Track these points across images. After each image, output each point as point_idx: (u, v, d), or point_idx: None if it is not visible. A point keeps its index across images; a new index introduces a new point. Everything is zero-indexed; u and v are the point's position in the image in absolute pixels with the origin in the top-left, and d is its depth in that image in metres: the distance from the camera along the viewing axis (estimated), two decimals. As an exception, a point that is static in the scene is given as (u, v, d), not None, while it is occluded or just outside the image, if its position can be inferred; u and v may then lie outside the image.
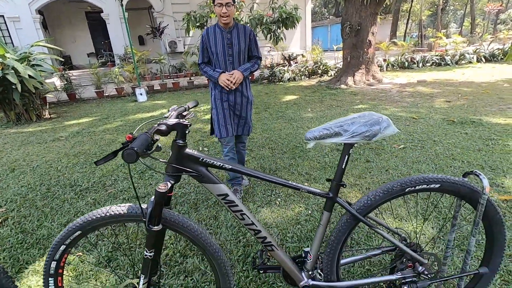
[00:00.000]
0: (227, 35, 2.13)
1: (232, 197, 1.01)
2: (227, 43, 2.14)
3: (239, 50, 2.17)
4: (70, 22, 13.98)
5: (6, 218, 2.36)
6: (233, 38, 2.14)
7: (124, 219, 1.02)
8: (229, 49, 2.15)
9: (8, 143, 4.49)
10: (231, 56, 2.17)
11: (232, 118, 2.32)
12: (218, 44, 2.14)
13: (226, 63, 2.19)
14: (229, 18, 2.05)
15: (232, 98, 2.25)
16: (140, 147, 0.74)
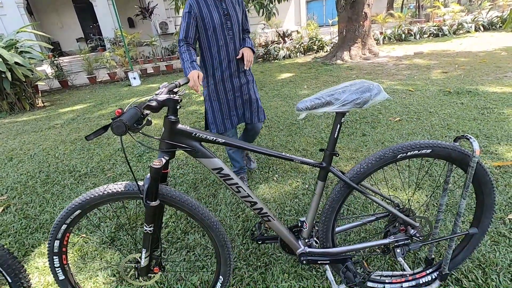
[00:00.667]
0: (221, 4, 1.76)
1: (226, 171, 1.03)
2: (223, 13, 1.76)
3: (237, 21, 1.81)
4: (55, 6, 13.47)
5: (8, 205, 2.39)
6: (228, 7, 1.78)
7: (122, 197, 1.03)
8: (227, 21, 1.77)
9: (3, 133, 4.46)
10: (231, 30, 1.79)
11: (240, 106, 1.99)
12: (214, 15, 1.74)
13: (226, 38, 1.79)
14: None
15: (236, 81, 1.93)
16: (129, 120, 0.74)
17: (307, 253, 1.18)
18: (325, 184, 1.10)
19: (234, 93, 1.95)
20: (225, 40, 1.80)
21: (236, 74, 1.92)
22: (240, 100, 1.98)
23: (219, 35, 1.78)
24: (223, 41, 1.80)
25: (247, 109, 2.02)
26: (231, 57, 1.85)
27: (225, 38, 1.80)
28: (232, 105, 1.97)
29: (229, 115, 1.98)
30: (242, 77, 1.96)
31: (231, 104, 1.96)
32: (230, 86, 1.93)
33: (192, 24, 1.74)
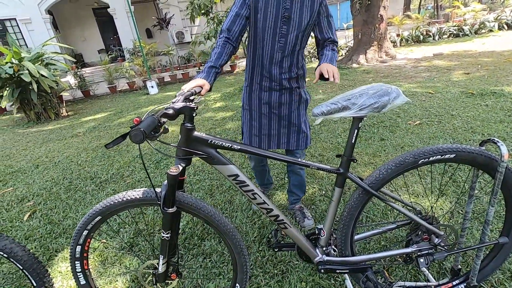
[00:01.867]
0: (285, 2, 1.34)
1: (242, 177, 1.03)
2: (282, 13, 1.35)
3: (298, 27, 1.38)
4: (79, 20, 14.15)
5: (34, 210, 2.49)
6: (294, 8, 1.35)
7: (140, 203, 1.05)
8: (283, 26, 1.37)
9: (30, 142, 4.69)
10: (284, 36, 1.39)
11: (275, 126, 1.62)
12: (270, 13, 1.35)
13: (275, 44, 1.41)
14: None
15: (276, 97, 1.54)
16: (147, 128, 0.75)
17: (325, 261, 1.15)
18: (342, 190, 1.07)
19: (270, 109, 1.58)
20: (271, 46, 1.42)
21: (278, 88, 1.53)
22: (276, 119, 1.60)
23: (268, 37, 1.41)
24: (270, 47, 1.42)
25: (284, 134, 1.63)
26: (279, 66, 1.47)
27: (272, 43, 1.41)
28: (265, 122, 1.61)
29: (258, 132, 1.64)
30: (286, 94, 1.55)
31: (263, 121, 1.61)
32: (267, 99, 1.57)
33: (241, 14, 1.37)
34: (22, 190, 2.92)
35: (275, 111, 1.59)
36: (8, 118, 7.12)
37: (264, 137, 1.65)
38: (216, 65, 1.31)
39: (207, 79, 1.23)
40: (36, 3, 11.07)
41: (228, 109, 4.97)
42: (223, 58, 1.34)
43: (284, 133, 1.63)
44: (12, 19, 11.06)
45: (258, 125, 1.63)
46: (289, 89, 1.55)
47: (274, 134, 1.64)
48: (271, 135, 1.64)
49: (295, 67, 1.51)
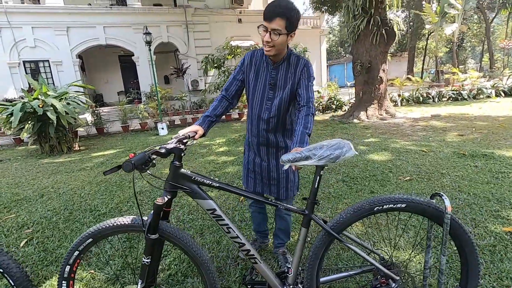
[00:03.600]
0: (272, 71, 1.56)
1: (219, 212, 1.17)
2: (269, 81, 1.57)
3: (282, 93, 1.56)
4: (105, 64, 15.52)
5: (31, 238, 2.59)
6: (279, 76, 1.56)
7: (128, 229, 1.19)
8: (270, 91, 1.58)
9: (40, 172, 4.92)
10: (271, 99, 1.58)
11: (266, 176, 1.75)
12: (260, 80, 1.59)
13: (262, 105, 1.61)
14: (273, 50, 1.43)
15: (264, 150, 1.71)
16: (137, 161, 0.94)
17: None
18: (307, 231, 1.19)
19: (261, 160, 1.73)
20: (260, 108, 1.62)
21: (265, 143, 1.68)
22: (266, 170, 1.73)
23: (257, 101, 1.62)
24: (258, 109, 1.62)
25: (274, 184, 1.75)
26: (268, 127, 1.63)
27: (261, 105, 1.61)
28: (258, 170, 1.76)
29: (254, 176, 1.80)
30: (273, 148, 1.70)
31: (256, 169, 1.76)
32: (258, 151, 1.73)
33: (237, 79, 1.63)
34: (23, 218, 3.04)
35: (265, 163, 1.73)
36: (23, 149, 7.51)
37: (259, 181, 1.79)
38: (211, 115, 1.55)
39: (202, 126, 1.47)
40: (70, 48, 12.35)
41: (230, 154, 5.20)
42: (218, 110, 1.60)
43: (273, 184, 1.75)
44: (45, 60, 12.26)
45: (253, 171, 1.78)
46: (276, 144, 1.69)
47: (265, 182, 1.77)
48: (263, 182, 1.78)
49: (281, 126, 1.66)
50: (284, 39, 1.39)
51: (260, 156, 1.73)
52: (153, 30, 12.57)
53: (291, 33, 1.42)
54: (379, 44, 7.72)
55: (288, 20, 1.35)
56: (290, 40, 1.46)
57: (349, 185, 3.28)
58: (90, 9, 12.50)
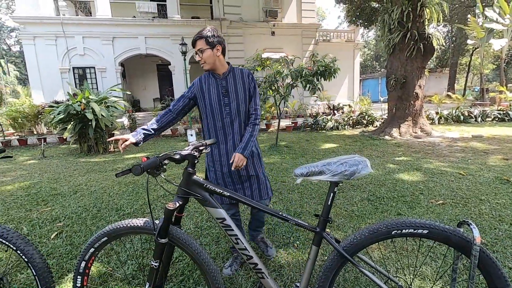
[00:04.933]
0: (221, 82, 1.83)
1: (228, 222, 1.16)
2: (222, 91, 1.82)
3: (237, 98, 1.83)
4: (143, 72, 16.49)
5: (61, 231, 2.76)
6: (229, 84, 1.83)
7: (141, 231, 1.22)
8: (225, 98, 1.82)
9: (77, 170, 5.28)
10: (228, 106, 1.82)
11: (238, 182, 1.88)
12: (213, 92, 1.82)
13: (223, 114, 1.82)
14: (206, 64, 1.78)
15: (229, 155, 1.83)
16: (147, 166, 0.97)
17: (299, 321, 1.16)
18: (318, 249, 1.14)
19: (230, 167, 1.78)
20: (221, 116, 1.83)
21: (228, 147, 1.86)
22: (236, 175, 1.87)
23: (217, 112, 1.83)
24: (220, 118, 1.83)
25: (247, 187, 1.90)
26: (233, 132, 1.84)
27: (221, 114, 1.83)
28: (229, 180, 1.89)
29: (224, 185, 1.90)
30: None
31: (226, 180, 1.89)
32: (226, 160, 1.86)
33: (185, 96, 1.87)
34: (57, 211, 3.26)
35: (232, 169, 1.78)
36: (66, 147, 8.12)
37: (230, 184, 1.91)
38: (148, 128, 1.74)
39: (134, 136, 1.65)
40: (113, 57, 13.31)
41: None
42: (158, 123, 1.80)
43: (247, 186, 1.91)
44: (91, 67, 13.31)
45: (224, 185, 1.89)
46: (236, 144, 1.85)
47: (239, 188, 1.90)
48: (236, 190, 1.90)
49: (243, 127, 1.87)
50: (209, 53, 1.76)
51: (228, 164, 1.82)
52: (189, 41, 13.20)
53: (214, 47, 1.76)
54: (416, 58, 7.40)
55: (204, 38, 1.74)
56: (217, 52, 1.78)
57: (375, 204, 3.11)
58: (134, 21, 13.44)
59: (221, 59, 1.82)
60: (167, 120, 1.84)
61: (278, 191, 3.67)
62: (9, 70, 28.34)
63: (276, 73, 5.53)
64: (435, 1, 7.39)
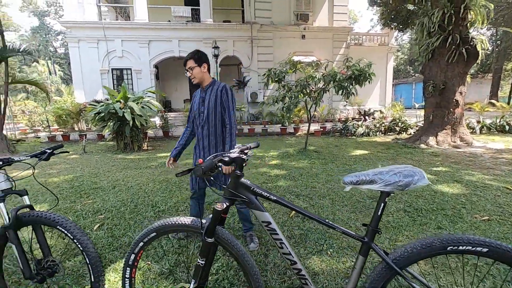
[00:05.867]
0: (202, 94, 2.26)
1: (274, 226, 1.18)
2: (200, 100, 2.25)
3: (208, 107, 2.20)
4: (176, 74, 17.08)
5: (103, 223, 2.93)
6: (206, 95, 2.22)
7: (188, 229, 1.27)
8: (202, 107, 2.23)
9: (114, 166, 5.58)
10: (202, 113, 2.23)
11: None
12: (195, 102, 2.30)
13: (198, 120, 2.28)
14: (196, 79, 2.20)
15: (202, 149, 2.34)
16: (206, 167, 1.01)
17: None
18: (365, 260, 1.12)
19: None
20: (198, 122, 2.30)
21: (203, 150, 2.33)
22: None
23: (196, 118, 2.32)
24: (198, 123, 2.31)
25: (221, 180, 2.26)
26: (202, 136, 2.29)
27: (198, 120, 2.30)
28: None
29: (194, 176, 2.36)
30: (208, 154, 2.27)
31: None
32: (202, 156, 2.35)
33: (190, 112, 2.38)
34: (98, 204, 3.47)
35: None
36: (103, 144, 8.62)
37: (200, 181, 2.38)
38: (177, 145, 2.44)
39: (171, 156, 2.43)
40: (148, 59, 13.95)
41: (283, 167, 5.19)
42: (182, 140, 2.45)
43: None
44: (128, 68, 14.04)
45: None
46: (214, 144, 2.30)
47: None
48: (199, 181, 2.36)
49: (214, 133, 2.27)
50: (197, 70, 2.18)
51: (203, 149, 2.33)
52: (220, 44, 13.50)
53: (201, 65, 2.19)
54: (457, 64, 7.00)
55: (193, 59, 2.16)
56: (203, 69, 2.20)
57: (412, 216, 2.98)
58: (169, 25, 14.00)
59: (206, 75, 2.24)
60: (187, 135, 2.44)
61: (308, 196, 3.63)
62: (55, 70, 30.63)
63: (308, 77, 5.49)
64: (480, 3, 6.95)
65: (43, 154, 1.72)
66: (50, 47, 35.40)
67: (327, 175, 4.60)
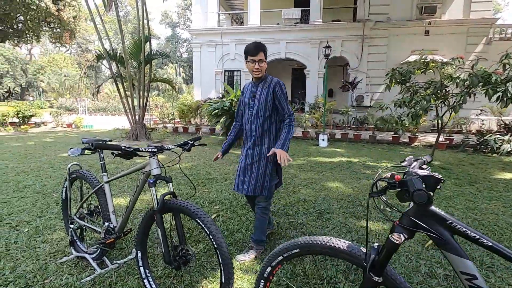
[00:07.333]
0: (253, 88, 2.17)
1: (480, 282, 0.81)
2: (251, 95, 2.17)
3: (259, 102, 2.12)
4: (278, 75, 17.44)
5: (218, 214, 3.06)
6: (258, 90, 2.15)
7: (342, 255, 1.03)
8: (252, 101, 2.16)
9: (224, 159, 5.83)
10: (252, 108, 2.15)
11: (246, 174, 2.21)
12: (246, 96, 2.21)
13: (247, 115, 2.20)
14: (261, 73, 2.10)
15: (250, 153, 2.20)
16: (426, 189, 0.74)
17: None
18: None
19: (245, 162, 2.21)
20: (248, 116, 2.20)
21: (252, 147, 2.20)
22: (250, 170, 2.20)
23: (246, 113, 2.23)
24: (247, 117, 2.22)
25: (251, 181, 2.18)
26: (251, 132, 2.20)
27: (247, 115, 2.22)
28: (241, 171, 2.24)
29: (237, 177, 2.27)
30: (256, 152, 2.18)
31: (240, 170, 2.25)
32: (245, 155, 2.24)
33: (239, 106, 2.33)
34: (213, 195, 3.68)
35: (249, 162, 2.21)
36: (214, 137, 9.48)
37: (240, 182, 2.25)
38: (227, 140, 2.44)
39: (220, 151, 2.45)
40: (257, 61, 14.69)
41: (401, 182, 4.45)
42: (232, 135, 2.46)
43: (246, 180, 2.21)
44: (238, 70, 15.14)
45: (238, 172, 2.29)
46: (259, 147, 2.19)
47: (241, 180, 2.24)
48: (243, 181, 2.23)
49: (262, 129, 2.17)
50: (265, 64, 2.11)
51: (247, 155, 2.22)
52: (333, 44, 12.99)
53: (266, 59, 2.12)
54: None
55: (264, 52, 2.09)
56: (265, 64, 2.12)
57: None
58: (279, 28, 14.37)
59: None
60: (236, 130, 2.43)
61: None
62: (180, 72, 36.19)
63: (446, 78, 4.52)
64: None
65: (186, 145, 1.81)
66: (177, 53, 42.01)
67: (467, 201, 3.65)
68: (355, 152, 7.25)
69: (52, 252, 2.28)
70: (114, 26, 32.51)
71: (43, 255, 2.22)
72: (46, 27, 15.91)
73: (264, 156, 2.17)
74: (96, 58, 8.65)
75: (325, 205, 3.39)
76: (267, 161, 2.17)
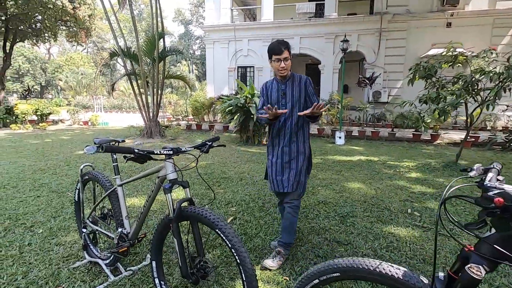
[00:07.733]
0: (281, 86, 2.19)
1: None
2: (280, 94, 2.19)
3: (292, 99, 2.16)
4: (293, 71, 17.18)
5: (235, 217, 2.91)
6: (287, 88, 2.17)
7: (395, 284, 0.86)
8: (282, 99, 2.19)
9: (239, 158, 5.82)
10: (284, 106, 2.17)
11: (285, 172, 2.17)
12: (273, 95, 2.22)
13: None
14: (286, 71, 2.12)
15: (287, 150, 2.17)
16: None
17: None
18: None
19: (283, 161, 2.18)
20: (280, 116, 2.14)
21: (288, 145, 2.18)
22: (288, 168, 2.17)
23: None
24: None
25: (290, 178, 2.15)
26: (285, 129, 2.18)
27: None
28: (279, 168, 2.19)
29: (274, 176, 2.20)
30: (294, 149, 2.18)
31: (278, 166, 2.19)
32: (281, 153, 2.19)
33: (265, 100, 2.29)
34: (229, 195, 3.54)
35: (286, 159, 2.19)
36: (228, 135, 9.36)
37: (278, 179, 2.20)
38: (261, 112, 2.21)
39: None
40: (270, 57, 14.44)
41: (427, 183, 4.18)
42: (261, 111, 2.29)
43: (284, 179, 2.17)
44: (251, 66, 14.94)
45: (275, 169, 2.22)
46: (295, 142, 2.19)
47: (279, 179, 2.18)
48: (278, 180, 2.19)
49: (296, 127, 2.17)
50: (290, 62, 2.12)
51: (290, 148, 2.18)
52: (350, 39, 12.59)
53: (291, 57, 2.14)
54: None
55: (289, 49, 2.12)
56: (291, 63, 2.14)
57: None
58: (293, 22, 14.04)
59: None
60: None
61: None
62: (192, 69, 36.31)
63: (477, 72, 4.19)
64: None
65: (204, 146, 1.66)
66: (190, 50, 42.14)
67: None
68: (374, 151, 6.96)
69: (65, 256, 2.20)
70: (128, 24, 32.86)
71: (56, 259, 2.14)
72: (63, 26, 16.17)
73: (301, 152, 2.19)
74: (110, 56, 8.65)
75: (347, 207, 3.19)
76: (303, 157, 2.20)
